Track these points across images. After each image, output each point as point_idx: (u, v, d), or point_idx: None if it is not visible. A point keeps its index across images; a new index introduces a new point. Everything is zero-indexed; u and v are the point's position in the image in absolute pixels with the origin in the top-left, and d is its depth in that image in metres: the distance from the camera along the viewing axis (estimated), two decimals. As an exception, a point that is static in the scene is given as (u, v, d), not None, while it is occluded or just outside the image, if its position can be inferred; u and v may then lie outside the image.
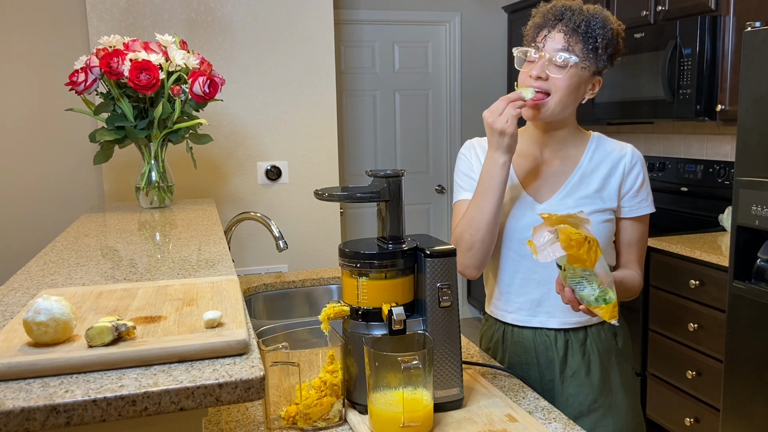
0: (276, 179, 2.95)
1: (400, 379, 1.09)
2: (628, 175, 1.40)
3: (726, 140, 3.20)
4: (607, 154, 1.42)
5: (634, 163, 1.41)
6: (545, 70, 1.33)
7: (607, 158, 1.41)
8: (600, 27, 1.32)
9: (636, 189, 1.41)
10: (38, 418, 0.69)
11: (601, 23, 1.33)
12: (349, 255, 1.17)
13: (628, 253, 1.43)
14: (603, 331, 1.43)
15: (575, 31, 1.32)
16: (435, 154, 4.81)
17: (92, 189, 2.93)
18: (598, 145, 1.44)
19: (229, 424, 1.17)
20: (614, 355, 1.44)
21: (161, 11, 2.75)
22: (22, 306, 1.02)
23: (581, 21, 1.32)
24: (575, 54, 1.32)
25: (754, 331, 2.24)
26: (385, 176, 1.18)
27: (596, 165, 1.41)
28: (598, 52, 1.33)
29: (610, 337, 1.44)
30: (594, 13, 1.34)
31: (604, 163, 1.41)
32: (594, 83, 1.39)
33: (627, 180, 1.40)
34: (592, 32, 1.32)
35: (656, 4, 3.06)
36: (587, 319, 1.41)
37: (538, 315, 1.42)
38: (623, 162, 1.41)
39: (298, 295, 2.17)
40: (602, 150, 1.43)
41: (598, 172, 1.40)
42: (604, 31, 1.33)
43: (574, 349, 1.42)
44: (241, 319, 0.89)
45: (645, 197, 1.42)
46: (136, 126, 1.99)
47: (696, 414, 2.67)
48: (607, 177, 1.40)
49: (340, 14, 4.36)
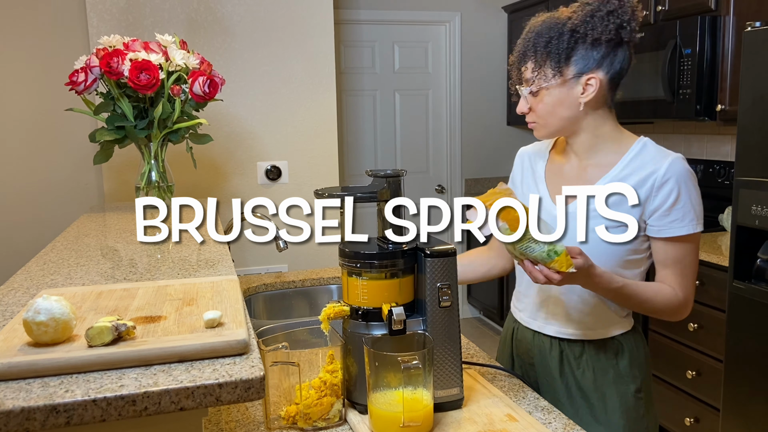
0: (276, 179, 2.95)
1: (400, 379, 1.09)
2: (658, 191, 1.27)
3: (726, 140, 3.20)
4: (644, 164, 1.29)
5: (666, 179, 1.26)
6: (524, 104, 1.33)
7: (642, 168, 1.29)
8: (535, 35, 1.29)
9: (667, 207, 1.27)
10: (38, 418, 0.69)
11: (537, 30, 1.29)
12: (349, 255, 1.17)
13: (663, 273, 1.32)
14: (603, 350, 1.36)
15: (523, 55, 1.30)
16: (435, 154, 4.81)
17: (92, 189, 2.93)
18: (639, 153, 1.31)
19: (229, 424, 1.17)
20: (612, 375, 1.36)
21: (161, 11, 2.75)
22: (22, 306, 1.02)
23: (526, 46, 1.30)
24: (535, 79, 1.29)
25: (754, 331, 2.24)
26: (385, 176, 1.18)
27: (628, 174, 1.29)
28: (553, 63, 1.27)
29: (610, 356, 1.36)
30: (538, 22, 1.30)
31: (637, 173, 1.29)
32: (584, 84, 1.27)
33: (657, 197, 1.27)
34: (534, 52, 1.28)
35: (656, 4, 3.06)
36: (582, 332, 1.37)
37: (537, 319, 1.42)
38: (654, 176, 1.27)
39: (298, 295, 2.17)
40: (641, 158, 1.30)
41: (628, 182, 1.27)
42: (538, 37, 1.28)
43: (569, 361, 1.38)
44: (241, 319, 0.89)
45: (680, 216, 1.27)
46: (136, 126, 1.99)
47: (696, 414, 2.67)
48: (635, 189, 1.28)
49: (340, 14, 4.36)
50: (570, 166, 1.39)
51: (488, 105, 4.81)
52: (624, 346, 1.37)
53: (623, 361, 1.36)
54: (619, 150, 1.33)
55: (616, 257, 1.30)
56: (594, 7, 1.26)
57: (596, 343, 1.37)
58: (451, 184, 4.81)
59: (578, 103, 1.29)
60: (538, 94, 1.30)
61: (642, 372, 1.39)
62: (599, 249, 1.24)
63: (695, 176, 1.30)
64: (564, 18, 1.28)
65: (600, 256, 1.24)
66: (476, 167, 4.84)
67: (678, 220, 1.28)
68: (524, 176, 1.48)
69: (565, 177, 1.38)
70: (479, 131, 4.83)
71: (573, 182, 1.36)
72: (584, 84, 1.28)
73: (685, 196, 1.27)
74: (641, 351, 1.40)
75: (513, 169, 1.54)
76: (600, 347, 1.37)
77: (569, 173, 1.38)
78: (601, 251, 1.27)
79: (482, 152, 4.84)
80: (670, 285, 1.30)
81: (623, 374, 1.36)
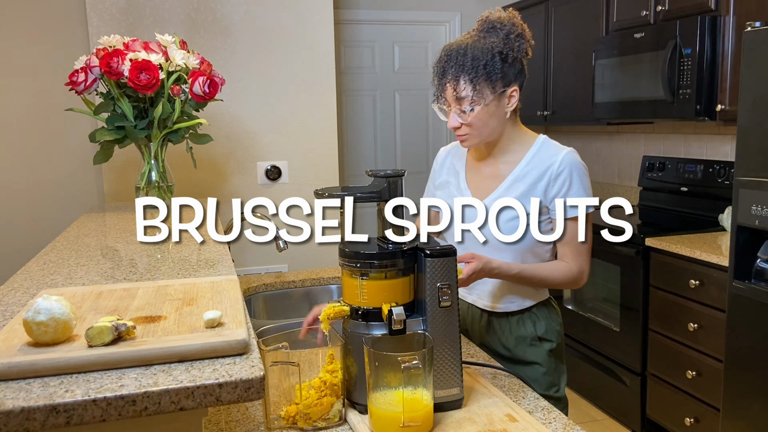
0: (276, 179, 2.95)
1: (400, 379, 1.09)
2: (555, 180, 1.49)
3: (726, 140, 3.20)
4: (543, 159, 1.52)
5: (561, 170, 1.49)
6: (457, 119, 1.48)
7: (541, 163, 1.51)
8: (471, 60, 1.43)
9: (563, 193, 1.50)
10: (38, 418, 0.69)
11: (471, 56, 1.43)
12: (349, 255, 1.17)
13: (561, 249, 1.55)
14: (522, 321, 1.59)
15: (456, 78, 1.44)
16: (435, 154, 4.78)
17: (92, 189, 2.93)
18: (538, 150, 1.54)
19: (229, 424, 1.17)
20: (530, 339, 1.58)
21: (161, 11, 2.75)
22: (22, 306, 1.02)
23: (454, 67, 1.44)
24: (467, 98, 1.44)
25: (754, 331, 2.24)
26: (385, 176, 1.18)
27: (532, 168, 1.52)
28: (486, 82, 1.44)
29: (529, 325, 1.59)
30: (464, 49, 1.44)
31: (537, 167, 1.51)
32: (509, 96, 1.48)
33: (554, 185, 1.50)
34: (467, 70, 1.43)
35: (656, 4, 3.06)
36: (504, 306, 1.58)
37: (471, 294, 1.63)
38: (551, 169, 1.50)
39: (298, 295, 2.17)
40: (541, 155, 1.53)
41: (530, 176, 1.51)
42: (476, 61, 1.43)
43: (495, 329, 1.61)
44: (241, 318, 0.89)
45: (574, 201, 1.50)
46: (136, 126, 1.99)
47: (696, 414, 2.67)
48: (536, 181, 1.50)
49: (340, 14, 4.36)
50: (485, 164, 1.60)
51: (488, 105, 4.81)
52: (539, 316, 1.60)
53: (540, 329, 1.59)
54: (523, 147, 1.56)
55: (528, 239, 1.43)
56: (507, 30, 1.47)
57: (516, 315, 1.59)
58: (451, 184, 4.81)
59: (505, 113, 1.50)
60: (470, 112, 1.46)
61: (555, 336, 1.61)
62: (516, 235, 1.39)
63: (585, 166, 1.54)
64: (488, 43, 1.46)
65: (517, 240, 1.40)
66: (476, 167, 4.83)
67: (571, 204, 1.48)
68: (448, 174, 1.68)
69: (483, 175, 1.60)
70: (479, 131, 4.82)
71: (488, 179, 1.58)
72: (509, 96, 1.49)
73: (577, 182, 1.50)
74: (554, 320, 1.63)
75: (434, 165, 1.76)
76: (519, 318, 1.59)
77: (484, 170, 1.60)
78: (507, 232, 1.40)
79: (482, 152, 4.83)
80: (567, 259, 1.54)
81: (539, 338, 1.59)
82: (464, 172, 1.64)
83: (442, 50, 1.50)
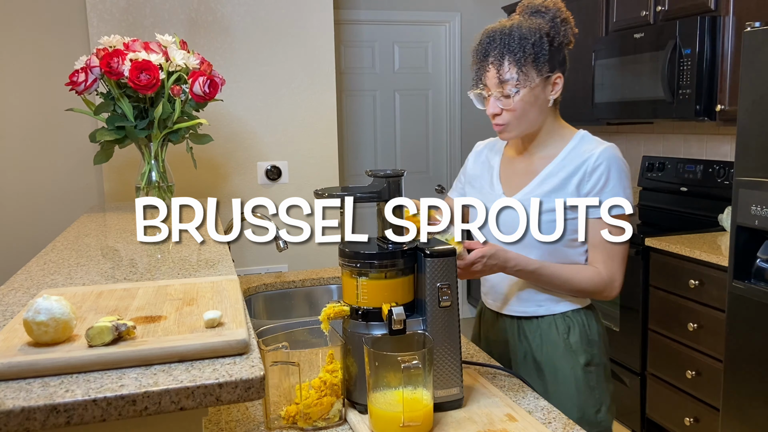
0: (276, 179, 2.95)
1: (400, 379, 1.09)
2: (590, 175, 1.39)
3: (726, 140, 3.20)
4: (580, 153, 1.42)
5: (598, 164, 1.39)
6: (497, 106, 1.40)
7: (578, 157, 1.42)
8: (519, 42, 1.35)
9: (598, 190, 1.39)
10: (38, 418, 0.69)
11: (518, 36, 1.36)
12: (349, 255, 1.17)
13: (592, 253, 1.43)
14: (554, 325, 1.47)
15: (501, 60, 1.37)
16: (435, 154, 4.81)
17: (92, 189, 2.93)
18: (577, 145, 1.45)
19: (229, 424, 1.17)
20: (563, 348, 1.46)
21: (161, 11, 2.75)
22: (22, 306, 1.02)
23: (502, 47, 1.36)
24: (511, 81, 1.36)
25: (754, 331, 2.24)
26: (385, 176, 1.18)
27: (568, 163, 1.43)
28: (533, 64, 1.36)
29: (562, 331, 1.46)
30: (510, 29, 1.37)
31: (573, 162, 1.42)
32: (553, 83, 1.41)
33: (589, 180, 1.39)
34: (514, 53, 1.36)
35: (656, 4, 3.06)
36: (534, 310, 1.48)
37: (497, 300, 1.53)
38: (587, 163, 1.40)
39: (298, 295, 2.17)
40: (578, 149, 1.44)
41: (567, 170, 1.42)
42: (523, 41, 1.35)
43: (526, 336, 1.49)
44: (241, 318, 0.89)
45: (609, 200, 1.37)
46: (136, 126, 1.99)
47: (696, 414, 2.67)
48: (569, 176, 1.41)
49: (340, 14, 4.36)
50: (520, 159, 1.52)
51: (488, 105, 4.81)
52: (574, 321, 1.47)
53: (574, 336, 1.46)
54: (562, 142, 1.47)
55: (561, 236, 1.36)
56: (553, 14, 1.40)
57: (548, 319, 1.47)
58: (451, 184, 4.81)
59: (548, 101, 1.42)
60: (514, 96, 1.38)
61: (593, 347, 1.48)
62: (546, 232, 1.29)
63: (627, 164, 1.42)
64: (535, 23, 1.38)
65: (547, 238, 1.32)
66: (476, 167, 4.84)
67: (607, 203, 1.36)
68: (482, 170, 1.59)
69: (517, 171, 1.51)
70: (479, 131, 4.82)
71: (523, 174, 1.48)
72: (552, 83, 1.41)
73: (614, 179, 1.39)
74: (593, 328, 1.49)
75: (469, 157, 1.65)
76: (551, 323, 1.47)
77: (518, 165, 1.51)
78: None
79: (482, 152, 4.84)
80: (596, 264, 1.42)
81: (573, 348, 1.46)
82: (498, 168, 1.56)
83: (483, 33, 1.41)
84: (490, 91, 1.40)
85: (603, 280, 1.41)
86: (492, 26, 1.41)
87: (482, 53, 1.40)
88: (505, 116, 1.40)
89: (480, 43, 1.40)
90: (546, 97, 1.41)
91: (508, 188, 1.50)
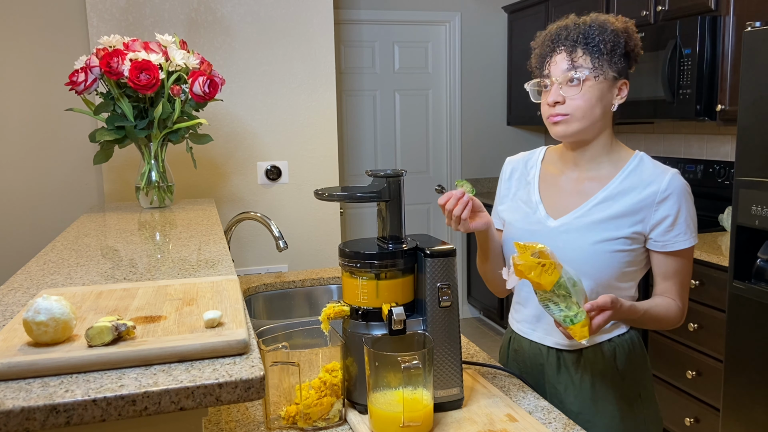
0: (276, 179, 2.95)
1: (400, 379, 1.09)
2: (659, 206, 1.30)
3: (726, 140, 3.20)
4: (643, 178, 1.32)
5: (668, 194, 1.29)
6: (560, 94, 1.30)
7: (641, 183, 1.32)
8: (599, 33, 1.29)
9: (670, 223, 1.30)
10: (38, 418, 0.69)
11: (599, 29, 1.29)
12: (349, 255, 1.17)
13: (664, 285, 1.36)
14: (600, 353, 1.36)
15: (575, 47, 1.29)
16: (435, 154, 4.81)
17: (92, 189, 2.93)
18: (636, 167, 1.34)
19: (229, 424, 1.17)
20: (610, 378, 1.36)
21: (161, 11, 2.75)
22: (22, 306, 1.02)
23: (578, 34, 1.29)
24: (584, 68, 1.28)
25: (754, 331, 2.24)
26: (385, 176, 1.18)
27: (627, 188, 1.32)
28: (607, 57, 1.29)
29: (609, 359, 1.36)
30: (590, 23, 1.31)
31: (636, 187, 1.31)
32: (619, 87, 1.32)
33: (657, 211, 1.30)
34: (592, 40, 1.29)
35: (656, 4, 3.06)
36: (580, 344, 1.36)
37: (537, 330, 1.42)
38: (657, 192, 1.30)
39: (298, 295, 2.17)
40: (639, 173, 1.33)
41: (627, 197, 1.31)
42: (605, 35, 1.28)
43: (567, 367, 1.38)
44: (241, 318, 0.89)
45: (683, 230, 1.31)
46: (136, 126, 1.99)
47: (696, 414, 2.67)
48: (634, 204, 1.31)
49: (340, 14, 4.36)
50: (566, 178, 1.40)
51: (488, 105, 4.81)
52: (621, 348, 1.37)
53: (621, 363, 1.36)
54: (617, 164, 1.36)
55: (613, 270, 1.31)
56: (625, 21, 1.33)
57: (592, 349, 1.36)
58: (451, 184, 4.81)
59: (611, 105, 1.32)
60: (584, 83, 1.28)
61: (640, 373, 1.39)
62: (598, 263, 1.30)
63: (690, 189, 1.34)
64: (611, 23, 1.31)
65: (599, 270, 1.30)
66: (476, 167, 4.84)
67: (681, 234, 1.31)
68: (518, 183, 1.47)
69: (561, 189, 1.39)
70: (479, 131, 4.83)
71: (569, 195, 1.37)
72: (619, 87, 1.32)
73: (685, 210, 1.31)
74: (637, 351, 1.39)
75: (501, 178, 1.53)
76: (596, 351, 1.36)
77: (565, 185, 1.39)
78: (600, 265, 1.30)
79: (482, 152, 4.84)
80: (671, 296, 1.35)
81: (622, 377, 1.36)
82: (537, 184, 1.43)
83: (553, 25, 1.34)
84: (553, 80, 1.31)
85: (682, 313, 1.36)
86: (563, 21, 1.34)
87: (551, 41, 1.32)
88: (568, 105, 1.29)
89: (548, 34, 1.34)
90: (611, 101, 1.32)
91: (551, 209, 1.38)
